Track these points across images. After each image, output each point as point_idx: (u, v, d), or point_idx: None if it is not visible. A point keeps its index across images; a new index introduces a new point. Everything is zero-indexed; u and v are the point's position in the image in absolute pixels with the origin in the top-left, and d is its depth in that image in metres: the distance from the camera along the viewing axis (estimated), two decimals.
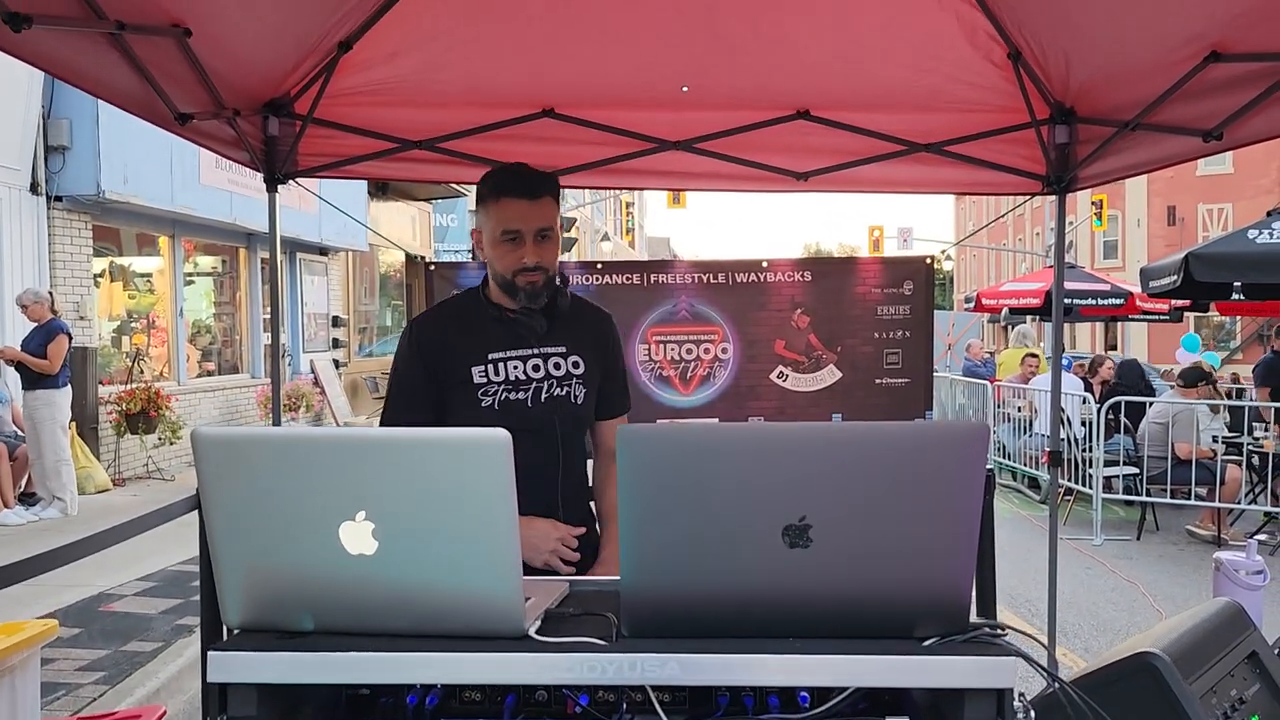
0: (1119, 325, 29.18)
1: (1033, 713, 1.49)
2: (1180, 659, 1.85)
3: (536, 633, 1.48)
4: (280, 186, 4.00)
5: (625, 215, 43.86)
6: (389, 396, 2.53)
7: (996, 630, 1.46)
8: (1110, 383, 11.30)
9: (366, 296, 19.58)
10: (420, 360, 2.46)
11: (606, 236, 42.68)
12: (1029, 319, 16.59)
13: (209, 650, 1.47)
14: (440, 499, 1.42)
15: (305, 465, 1.44)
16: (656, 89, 3.80)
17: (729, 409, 4.96)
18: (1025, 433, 11.14)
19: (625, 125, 3.97)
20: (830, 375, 4.97)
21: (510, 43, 3.53)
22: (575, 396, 2.50)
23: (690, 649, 1.42)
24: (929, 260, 5.07)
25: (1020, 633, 1.49)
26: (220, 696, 1.46)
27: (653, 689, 1.52)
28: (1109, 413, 9.42)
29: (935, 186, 4.35)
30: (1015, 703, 1.44)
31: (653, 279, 4.98)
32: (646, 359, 4.95)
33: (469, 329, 2.48)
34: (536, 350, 2.48)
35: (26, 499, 8.85)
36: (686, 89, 3.80)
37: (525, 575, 1.48)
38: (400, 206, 19.55)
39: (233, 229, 12.88)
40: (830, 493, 1.43)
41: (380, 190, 17.74)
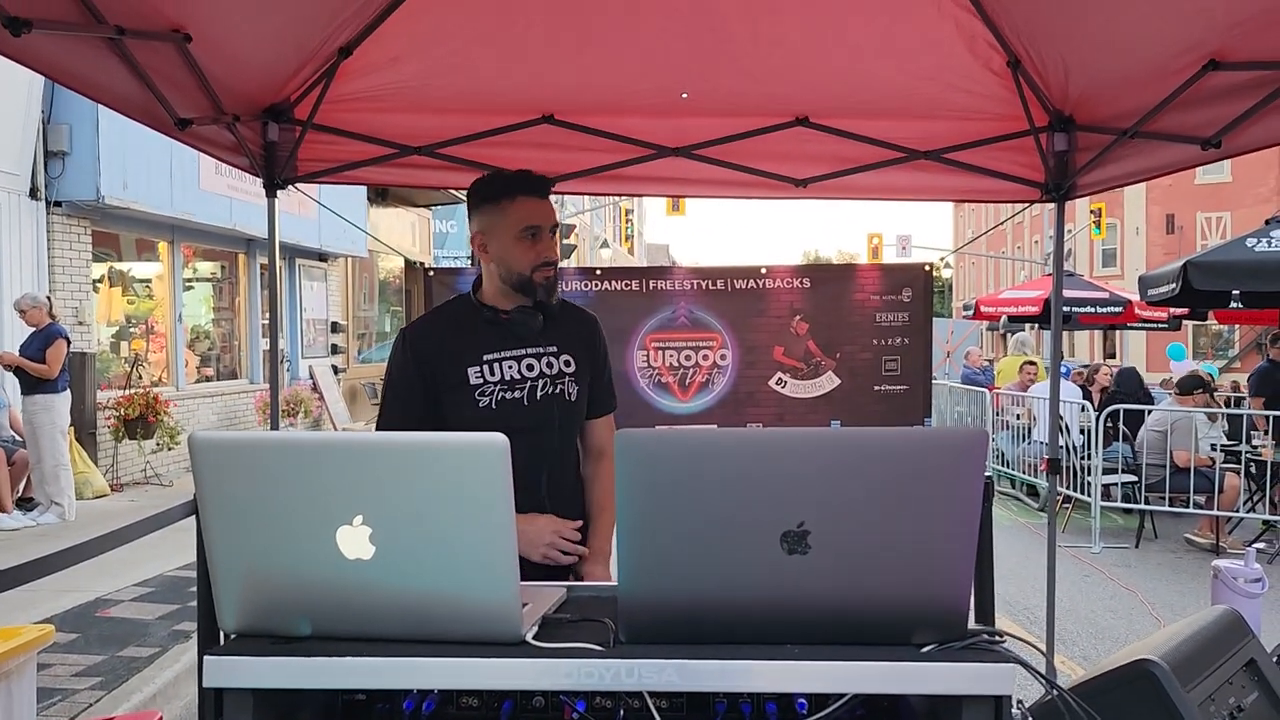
0: (1117, 333, 29.20)
1: None
2: (1179, 667, 1.84)
3: (534, 638, 1.48)
4: (280, 192, 4.00)
5: (624, 222, 43.84)
6: (383, 403, 2.55)
7: (995, 637, 1.46)
8: (1109, 390, 11.30)
9: (366, 302, 19.58)
10: (415, 365, 2.49)
11: (606, 243, 42.74)
12: (1028, 327, 16.58)
13: (205, 655, 1.46)
14: (438, 504, 1.42)
15: (303, 470, 1.44)
16: (656, 95, 3.81)
17: (727, 415, 4.96)
18: (1024, 440, 11.13)
19: (625, 131, 3.98)
20: (829, 382, 4.97)
21: (510, 49, 3.53)
22: (569, 394, 2.56)
23: (688, 655, 1.42)
24: (928, 267, 5.07)
25: (1018, 640, 1.49)
26: (216, 701, 1.46)
27: (650, 695, 1.52)
28: (1107, 420, 9.42)
29: (934, 194, 4.36)
30: (1013, 710, 1.44)
31: (652, 285, 4.98)
32: (645, 365, 4.95)
33: (463, 332, 2.52)
34: (530, 350, 2.53)
35: (24, 504, 8.84)
36: (686, 95, 3.80)
37: (523, 574, 1.48)
38: (400, 212, 19.56)
39: (232, 234, 12.88)
40: (829, 499, 1.42)
41: (380, 196, 17.75)
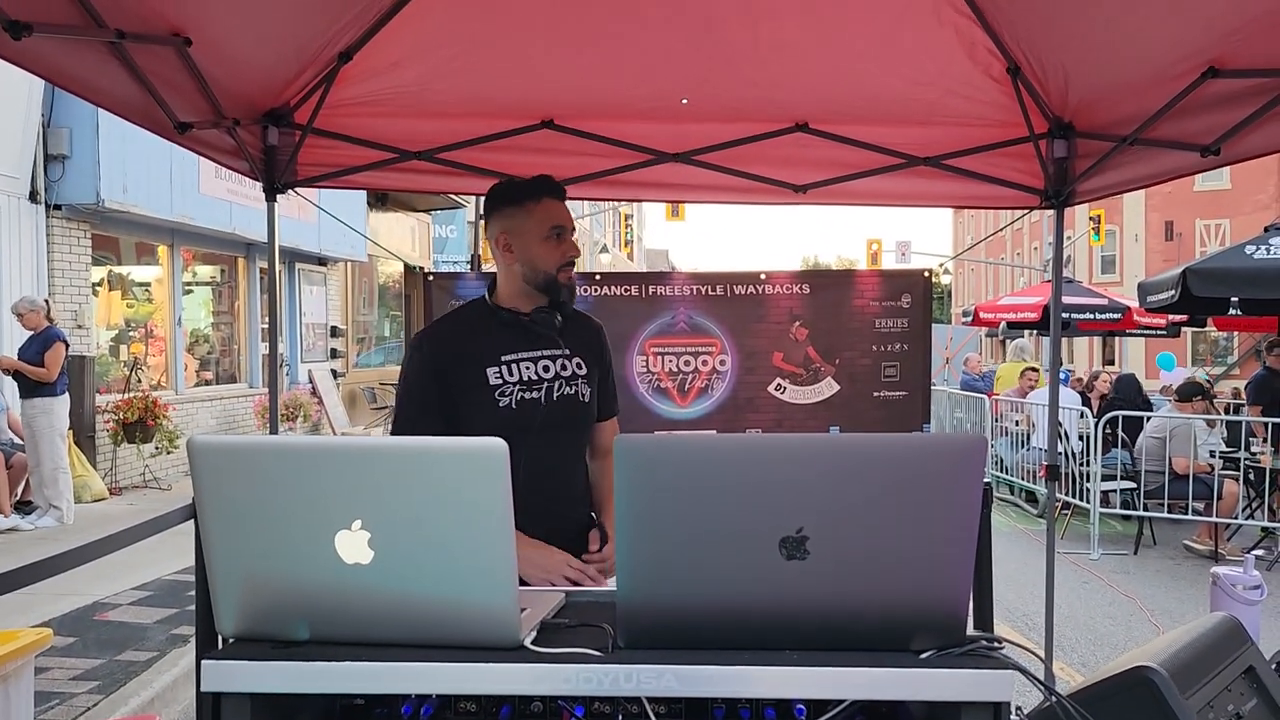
0: (1116, 340, 29.21)
1: None
2: (1177, 674, 1.84)
3: (532, 643, 1.48)
4: (279, 196, 4.00)
5: (624, 227, 43.87)
6: (400, 408, 2.55)
7: (993, 644, 1.46)
8: (1108, 397, 11.30)
9: (365, 307, 19.58)
10: (431, 369, 2.50)
11: (605, 248, 42.71)
12: (1026, 333, 16.60)
13: (203, 659, 1.46)
14: (437, 508, 1.42)
15: (301, 474, 1.44)
16: (656, 101, 3.81)
17: (727, 421, 4.96)
18: (1023, 446, 11.13)
19: (624, 137, 3.98)
20: (828, 388, 4.98)
21: (510, 54, 3.54)
22: (582, 395, 2.60)
23: (687, 660, 1.42)
24: (927, 274, 5.07)
25: (1017, 646, 1.49)
26: (214, 706, 1.46)
27: (649, 701, 1.51)
28: (1106, 427, 9.42)
29: (933, 200, 4.36)
30: (1012, 716, 1.43)
31: (651, 291, 4.99)
32: (645, 371, 4.95)
33: (480, 333, 2.54)
34: (545, 351, 2.56)
35: (23, 507, 8.83)
36: (686, 101, 3.81)
37: (522, 586, 1.48)
38: (399, 217, 19.56)
39: (231, 238, 12.88)
40: (828, 505, 1.42)
41: (379, 201, 17.75)
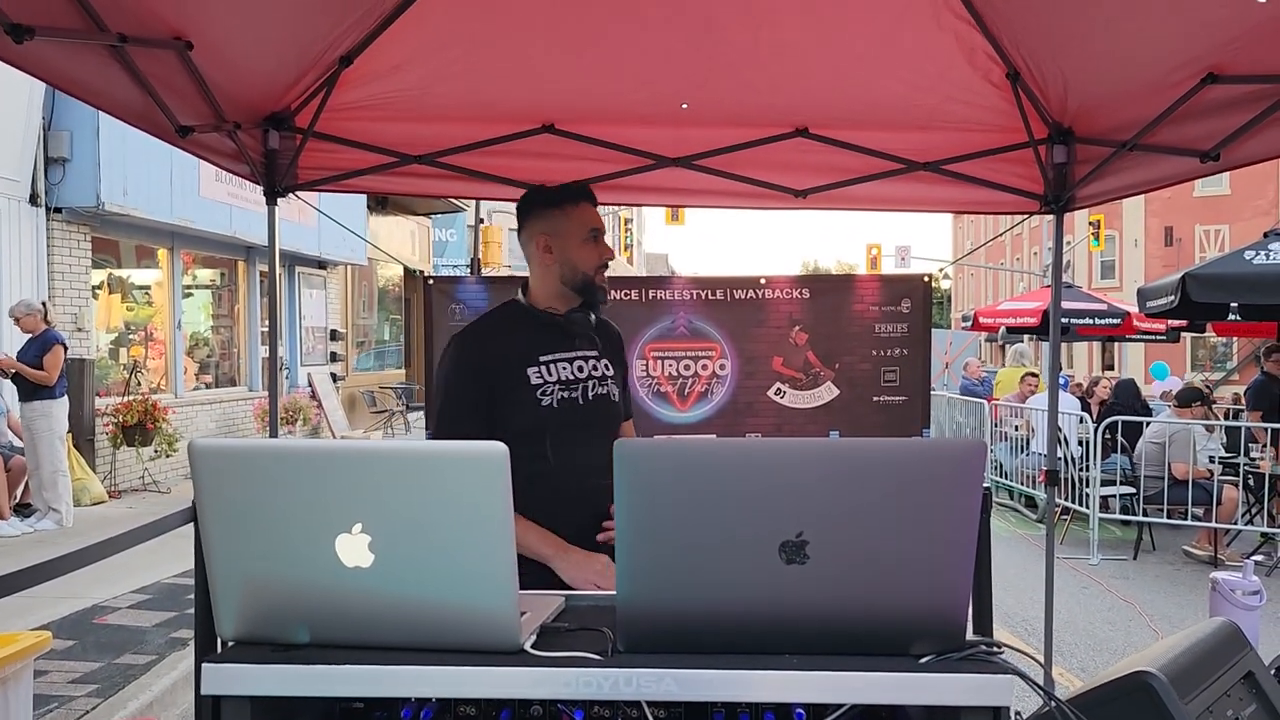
0: (1116, 345, 29.24)
1: None
2: (1177, 679, 1.84)
3: (532, 647, 1.48)
4: (279, 200, 4.00)
5: (624, 231, 43.89)
6: (441, 409, 2.55)
7: (993, 648, 1.46)
8: (1107, 402, 11.31)
9: (365, 310, 19.58)
10: (472, 369, 2.52)
11: None
12: (1026, 338, 16.60)
13: (203, 662, 1.46)
14: (437, 512, 1.42)
15: (302, 477, 1.44)
16: (656, 105, 3.81)
17: (726, 425, 4.96)
18: (1022, 451, 11.13)
19: (625, 141, 3.98)
20: (828, 392, 4.98)
21: (511, 58, 3.54)
22: (613, 395, 2.65)
23: (686, 664, 1.42)
24: (927, 279, 5.08)
25: (1017, 651, 1.49)
26: (214, 709, 1.46)
27: (648, 705, 1.51)
28: (1106, 432, 9.42)
29: (933, 205, 4.36)
30: None
31: (651, 295, 4.99)
32: (644, 375, 4.95)
33: (518, 333, 2.58)
34: (579, 352, 2.61)
35: (22, 510, 8.82)
36: (686, 106, 3.81)
37: (522, 582, 1.48)
38: (399, 221, 19.57)
39: (231, 242, 12.89)
40: (827, 509, 1.43)
41: (379, 204, 17.77)
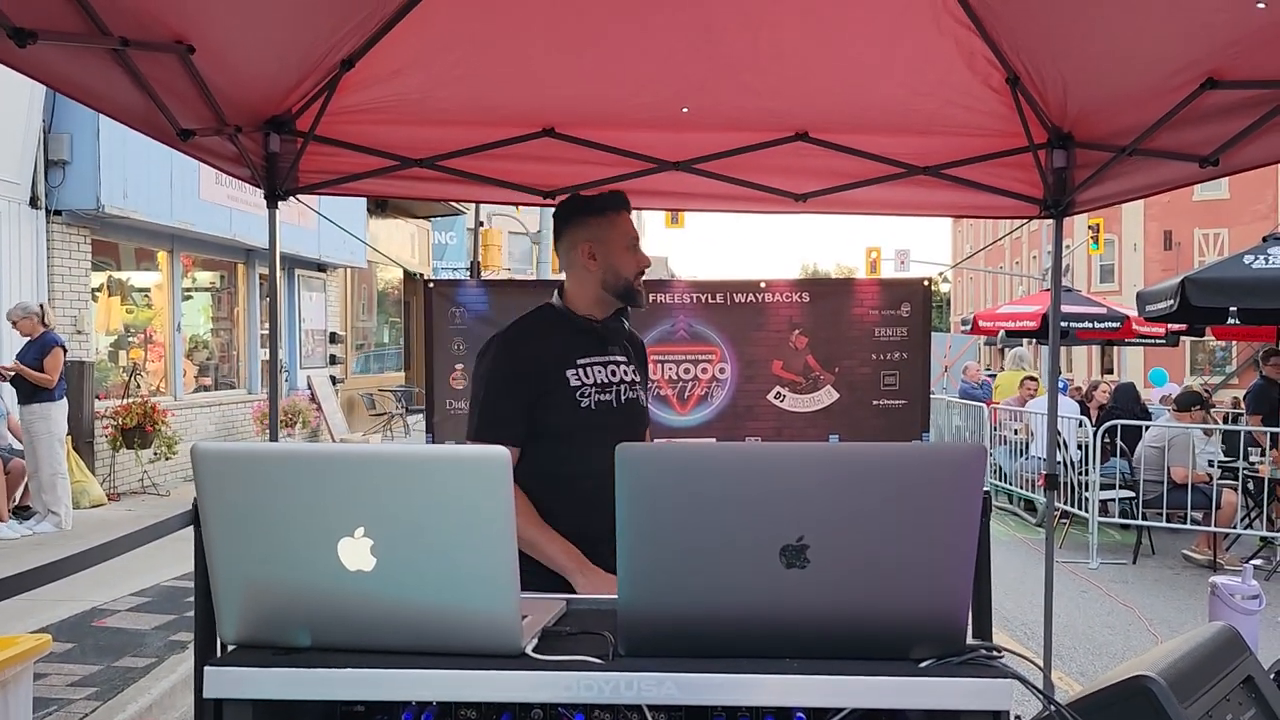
0: (1115, 349, 29.22)
1: None
2: (1176, 683, 1.84)
3: (533, 651, 1.48)
4: (280, 202, 4.01)
5: None
6: (483, 407, 2.56)
7: (993, 652, 1.46)
8: (1106, 406, 11.30)
9: (364, 313, 19.58)
10: (515, 368, 2.55)
11: None
12: (1025, 342, 16.59)
13: (205, 665, 1.46)
14: (439, 516, 1.43)
15: (305, 481, 1.44)
16: (657, 109, 3.82)
17: (726, 429, 4.95)
18: (1022, 455, 11.13)
19: (625, 145, 3.99)
20: (828, 396, 4.97)
21: (511, 62, 3.55)
22: (642, 400, 2.72)
23: (687, 669, 1.43)
24: (927, 282, 5.07)
25: (1016, 655, 1.50)
26: (216, 712, 1.46)
27: (649, 708, 1.52)
28: (1105, 436, 9.42)
29: (933, 209, 4.37)
30: None
31: (651, 298, 4.97)
32: None
33: (557, 336, 2.62)
34: (612, 357, 2.66)
35: (21, 512, 8.82)
36: (686, 110, 3.82)
37: (524, 584, 1.49)
38: (399, 224, 19.58)
39: (231, 244, 12.89)
40: (828, 513, 1.43)
41: (379, 207, 17.77)
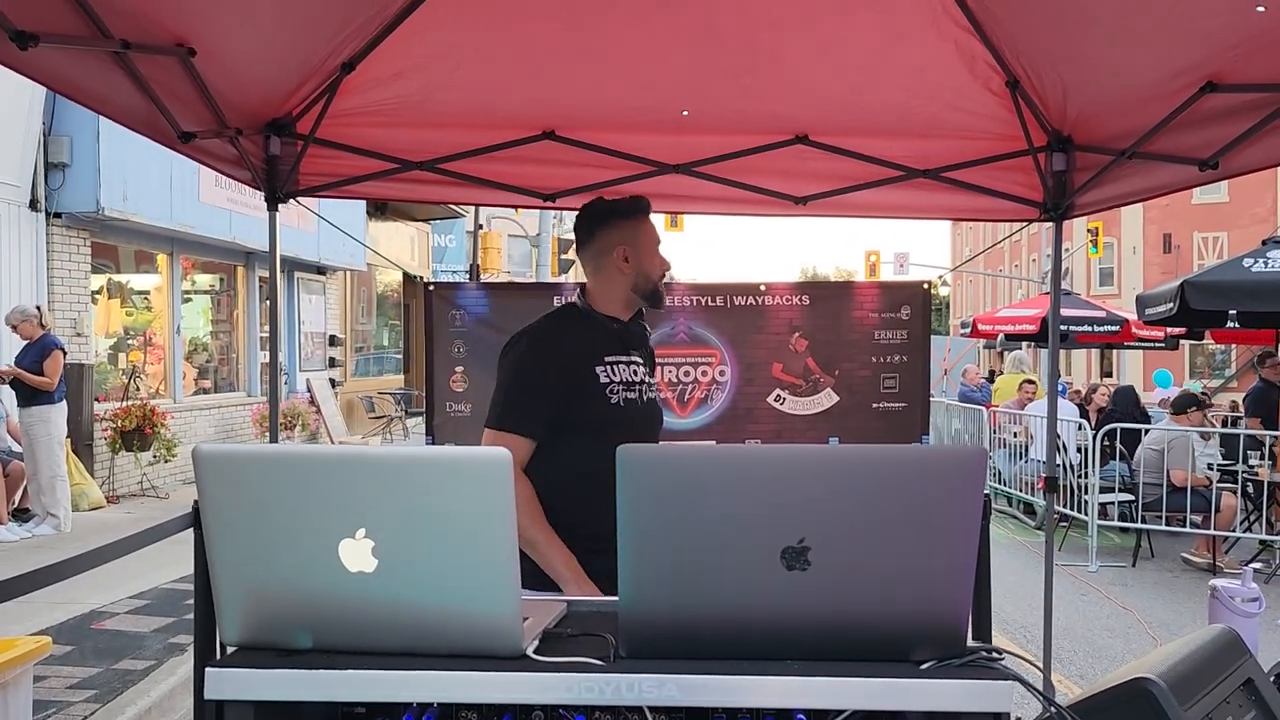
0: (1114, 352, 29.22)
1: None
2: (1176, 686, 1.84)
3: (534, 652, 1.49)
4: (280, 205, 4.01)
5: None
6: (507, 395, 2.56)
7: (993, 654, 1.47)
8: (1106, 409, 11.31)
9: (364, 316, 19.58)
10: (547, 363, 2.57)
11: None
12: (1024, 345, 16.59)
13: (206, 667, 1.46)
14: (440, 518, 1.43)
15: (306, 483, 1.45)
16: (656, 112, 3.82)
17: (726, 432, 4.95)
18: (1021, 458, 11.13)
19: (625, 148, 3.99)
20: (827, 399, 4.98)
21: (512, 65, 3.55)
22: (658, 400, 2.78)
23: (688, 670, 1.43)
24: (926, 285, 5.08)
25: (1016, 657, 1.50)
26: (217, 714, 1.46)
27: (650, 710, 1.52)
28: (1104, 439, 9.42)
29: (933, 212, 4.37)
30: None
31: None
32: None
33: (584, 334, 2.64)
34: (633, 357, 2.70)
35: (20, 515, 8.81)
36: (686, 113, 3.82)
37: (524, 583, 1.49)
38: (399, 226, 19.58)
39: (231, 247, 12.90)
40: (829, 516, 1.43)
41: (379, 210, 17.77)
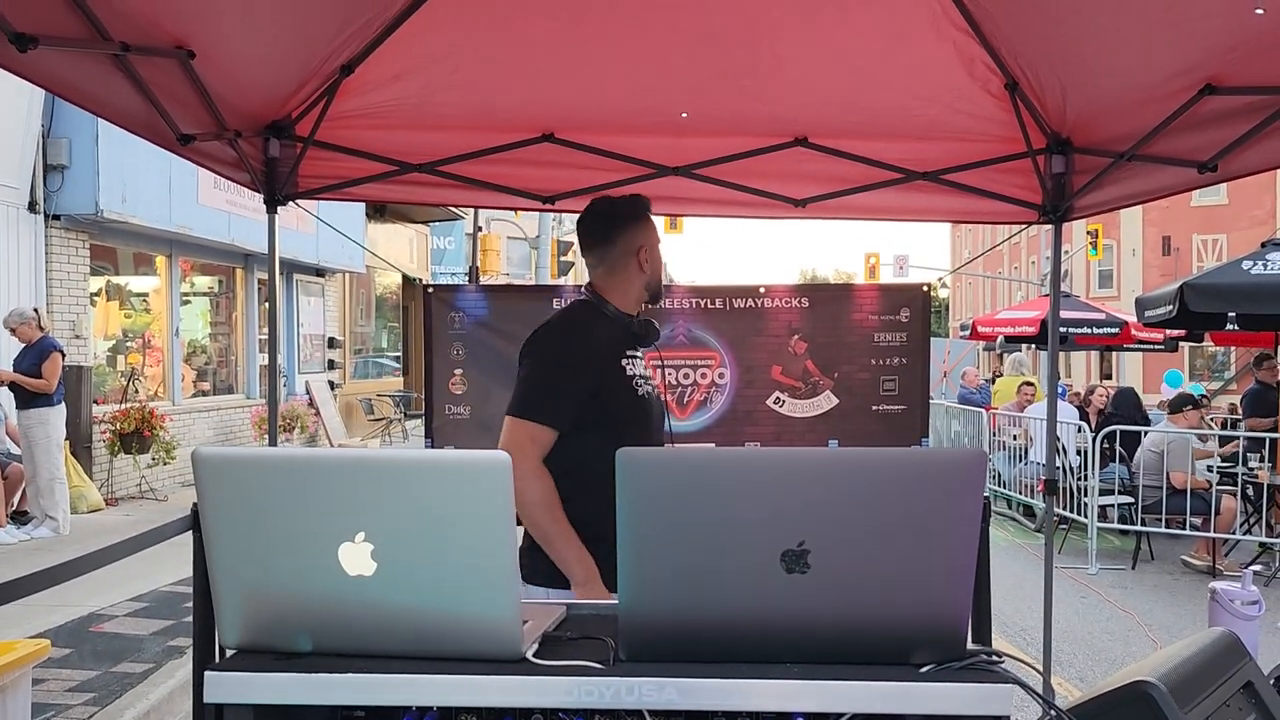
0: (1114, 354, 29.24)
1: None
2: (1176, 688, 1.84)
3: (534, 656, 1.48)
4: (279, 207, 4.00)
5: None
6: (530, 384, 2.56)
7: (993, 657, 1.46)
8: (1105, 411, 11.31)
9: (363, 318, 19.58)
10: (577, 354, 2.59)
11: None
12: (1024, 347, 16.61)
13: (205, 670, 1.46)
14: (440, 521, 1.43)
15: (306, 486, 1.44)
16: (656, 115, 3.83)
17: (725, 434, 4.95)
18: (1020, 461, 11.13)
19: (624, 150, 3.99)
20: (827, 401, 4.97)
21: (511, 67, 3.55)
22: (662, 398, 2.80)
23: (688, 673, 1.43)
24: (926, 288, 5.08)
25: (1016, 660, 1.49)
26: (216, 717, 1.46)
27: (650, 713, 1.51)
28: (1104, 441, 9.42)
29: (932, 215, 4.37)
30: None
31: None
32: None
33: (602, 329, 2.68)
34: (639, 354, 2.75)
35: (19, 517, 8.80)
36: (686, 115, 3.82)
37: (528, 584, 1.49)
38: (398, 228, 19.59)
39: (230, 249, 12.89)
40: (828, 518, 1.43)
41: (378, 212, 17.77)
